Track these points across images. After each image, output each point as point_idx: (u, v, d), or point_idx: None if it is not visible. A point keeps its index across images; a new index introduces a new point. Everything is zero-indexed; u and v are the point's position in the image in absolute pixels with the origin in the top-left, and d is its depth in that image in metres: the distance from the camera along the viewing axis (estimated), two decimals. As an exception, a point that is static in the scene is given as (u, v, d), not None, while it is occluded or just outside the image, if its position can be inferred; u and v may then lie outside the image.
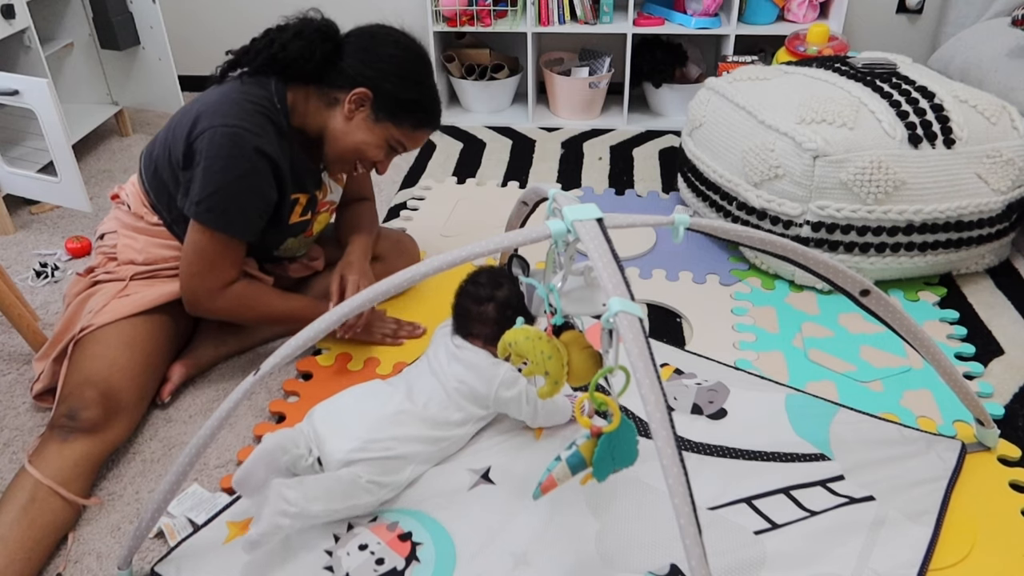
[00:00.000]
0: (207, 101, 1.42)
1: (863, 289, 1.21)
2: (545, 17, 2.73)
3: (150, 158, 1.51)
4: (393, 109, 1.47)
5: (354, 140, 1.48)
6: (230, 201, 1.40)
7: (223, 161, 1.37)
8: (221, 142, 1.36)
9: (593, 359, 1.06)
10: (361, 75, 1.44)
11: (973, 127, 1.74)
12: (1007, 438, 1.40)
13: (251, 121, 1.39)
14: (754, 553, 1.18)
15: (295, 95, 1.47)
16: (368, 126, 1.47)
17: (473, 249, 1.00)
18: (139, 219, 1.54)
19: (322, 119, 1.48)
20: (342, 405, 1.32)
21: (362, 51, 1.46)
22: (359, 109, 1.46)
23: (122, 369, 1.40)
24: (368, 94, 1.45)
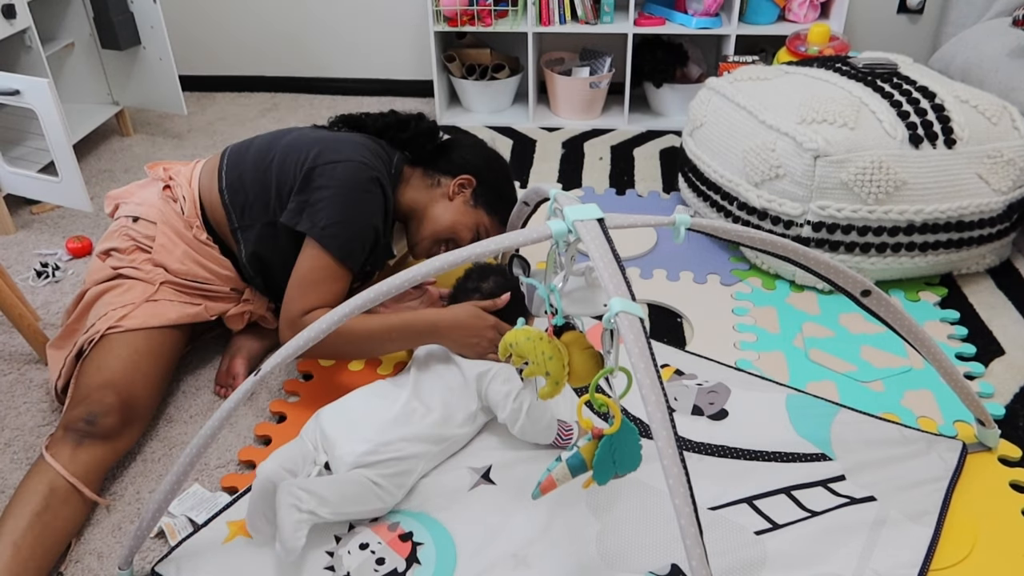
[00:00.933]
0: (337, 138, 1.52)
1: (864, 289, 1.21)
2: (546, 17, 2.73)
3: (241, 185, 1.51)
4: (490, 199, 1.62)
5: (451, 219, 1.59)
6: (347, 228, 1.44)
7: (348, 186, 1.44)
8: (349, 173, 1.44)
9: (594, 360, 1.06)
10: (469, 164, 1.62)
11: (974, 127, 1.74)
12: (1008, 438, 1.40)
13: (374, 165, 1.49)
14: (755, 553, 1.18)
15: (405, 172, 1.61)
16: (466, 209, 1.60)
17: (474, 249, 1.00)
18: (189, 228, 1.53)
19: (424, 198, 1.60)
20: (349, 407, 1.32)
21: (468, 146, 1.67)
22: (461, 192, 1.60)
23: (146, 377, 1.39)
24: (472, 180, 1.60)
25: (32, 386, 1.59)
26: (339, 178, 1.43)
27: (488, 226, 1.63)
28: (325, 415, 1.30)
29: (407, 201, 1.60)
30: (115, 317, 1.41)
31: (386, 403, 1.31)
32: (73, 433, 1.28)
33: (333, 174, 1.43)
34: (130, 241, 1.51)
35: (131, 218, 1.54)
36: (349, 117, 1.66)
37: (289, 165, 1.48)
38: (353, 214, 1.44)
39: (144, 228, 1.52)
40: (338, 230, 1.43)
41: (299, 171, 1.46)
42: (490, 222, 1.62)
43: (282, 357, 1.05)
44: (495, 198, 1.62)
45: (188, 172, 1.58)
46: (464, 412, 1.34)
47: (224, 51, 3.18)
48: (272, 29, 3.11)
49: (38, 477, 1.23)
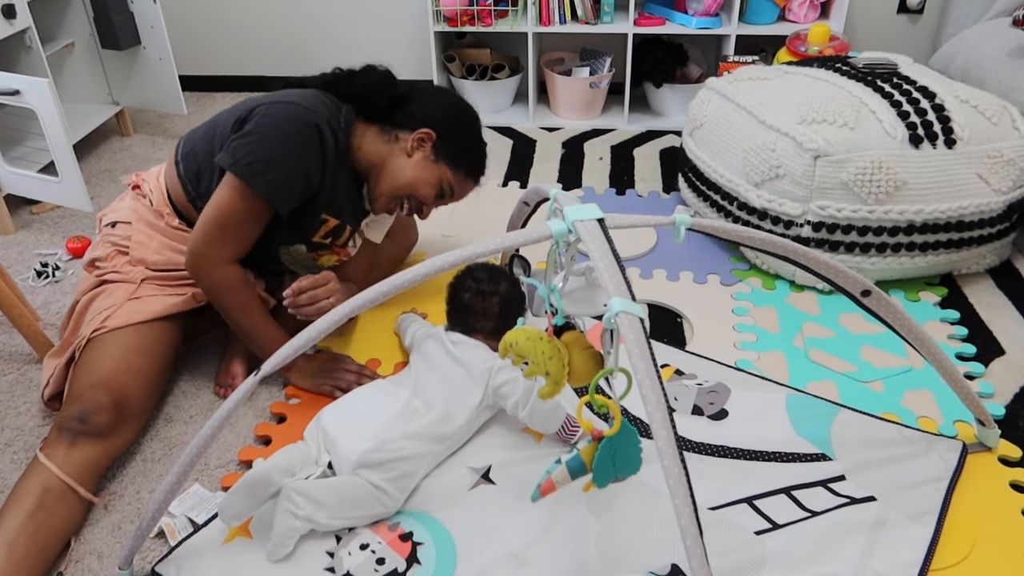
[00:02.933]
0: (281, 90, 1.49)
1: (864, 289, 1.21)
2: (546, 17, 2.73)
3: (194, 156, 1.52)
4: (454, 152, 1.54)
5: (411, 176, 1.52)
6: (277, 168, 1.40)
7: (278, 128, 1.40)
8: (281, 112, 1.41)
9: (594, 360, 1.06)
10: (428, 116, 1.52)
11: (974, 127, 1.74)
12: (1008, 438, 1.40)
13: (316, 108, 1.44)
14: (755, 553, 1.18)
15: (358, 127, 1.53)
16: (427, 164, 1.53)
17: (474, 249, 1.00)
18: (159, 217, 1.54)
19: (381, 152, 1.53)
20: (351, 406, 1.32)
21: (427, 98, 1.55)
22: (420, 147, 1.52)
23: (138, 374, 1.39)
24: (432, 135, 1.51)
25: (32, 386, 1.59)
26: (272, 116, 1.40)
27: (452, 181, 1.55)
28: (327, 415, 1.30)
29: (365, 157, 1.53)
30: (98, 320, 1.43)
31: (387, 402, 1.31)
32: (67, 433, 1.29)
33: (267, 113, 1.41)
34: (111, 247, 1.55)
35: (110, 224, 1.58)
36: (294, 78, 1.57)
37: (231, 118, 1.47)
38: (281, 151, 1.40)
39: (121, 231, 1.55)
40: (263, 167, 1.39)
41: (237, 118, 1.45)
42: (453, 176, 1.55)
43: (282, 357, 1.05)
44: (458, 151, 1.54)
45: (157, 170, 1.60)
46: (466, 410, 1.34)
47: (224, 51, 3.18)
48: (272, 29, 3.11)
49: (32, 477, 1.23)
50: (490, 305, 1.46)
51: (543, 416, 1.34)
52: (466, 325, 1.46)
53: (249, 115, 1.43)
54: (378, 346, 1.67)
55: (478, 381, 1.36)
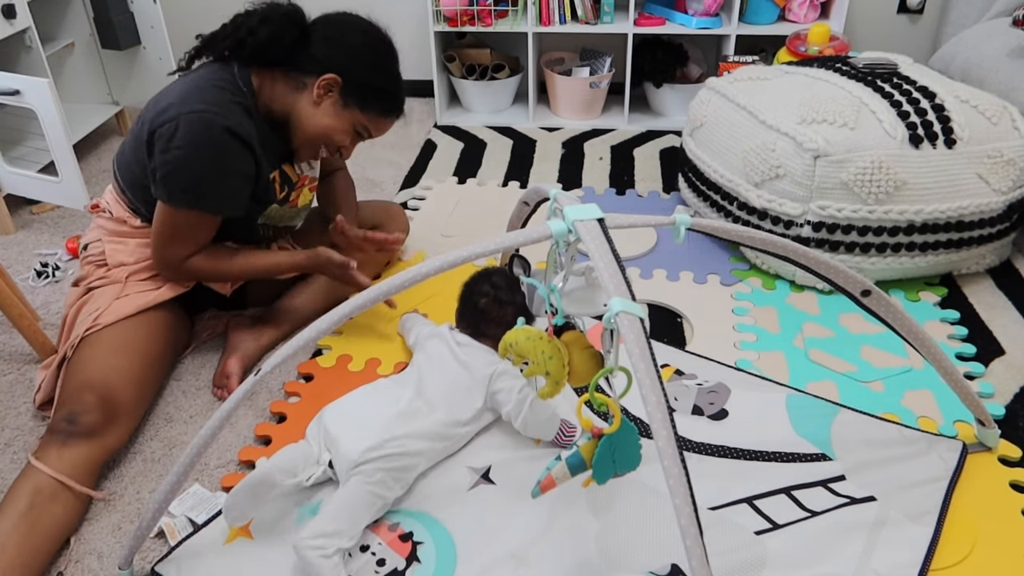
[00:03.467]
0: (174, 91, 1.43)
1: (864, 289, 1.21)
2: (546, 17, 2.73)
3: (123, 158, 1.52)
4: (361, 95, 1.49)
5: (321, 124, 1.49)
6: (205, 184, 1.41)
7: (195, 147, 1.37)
8: (191, 128, 1.36)
9: (594, 359, 1.06)
10: (330, 60, 1.45)
11: (974, 127, 1.74)
12: (1008, 438, 1.40)
13: (217, 104, 1.39)
14: (755, 553, 1.18)
15: (260, 79, 1.47)
16: (336, 111, 1.49)
17: (474, 249, 1.00)
18: (122, 224, 1.55)
19: (289, 103, 1.49)
20: (353, 405, 1.32)
21: (331, 38, 1.47)
22: (327, 95, 1.48)
23: (120, 372, 1.39)
24: (337, 80, 1.46)
25: (32, 386, 1.59)
26: (184, 136, 1.36)
27: (366, 123, 1.52)
28: (328, 414, 1.30)
29: (276, 109, 1.48)
30: (90, 320, 1.44)
31: (389, 401, 1.31)
32: (57, 435, 1.29)
33: (175, 134, 1.36)
34: (89, 265, 1.57)
35: (82, 248, 1.60)
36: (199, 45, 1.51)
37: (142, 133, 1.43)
38: (209, 169, 1.39)
39: (94, 249, 1.57)
40: (188, 187, 1.40)
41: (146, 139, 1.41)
42: (367, 119, 1.51)
43: (282, 357, 1.05)
44: (367, 93, 1.49)
45: (110, 187, 1.60)
46: (468, 411, 1.34)
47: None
48: (272, 29, 3.11)
49: (23, 479, 1.24)
50: (505, 314, 1.45)
51: (537, 425, 1.35)
52: (477, 329, 1.47)
53: (152, 136, 1.39)
54: (378, 346, 1.67)
55: (481, 384, 1.36)
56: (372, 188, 2.44)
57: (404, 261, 1.98)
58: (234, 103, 1.41)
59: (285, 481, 1.21)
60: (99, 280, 1.53)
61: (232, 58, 1.46)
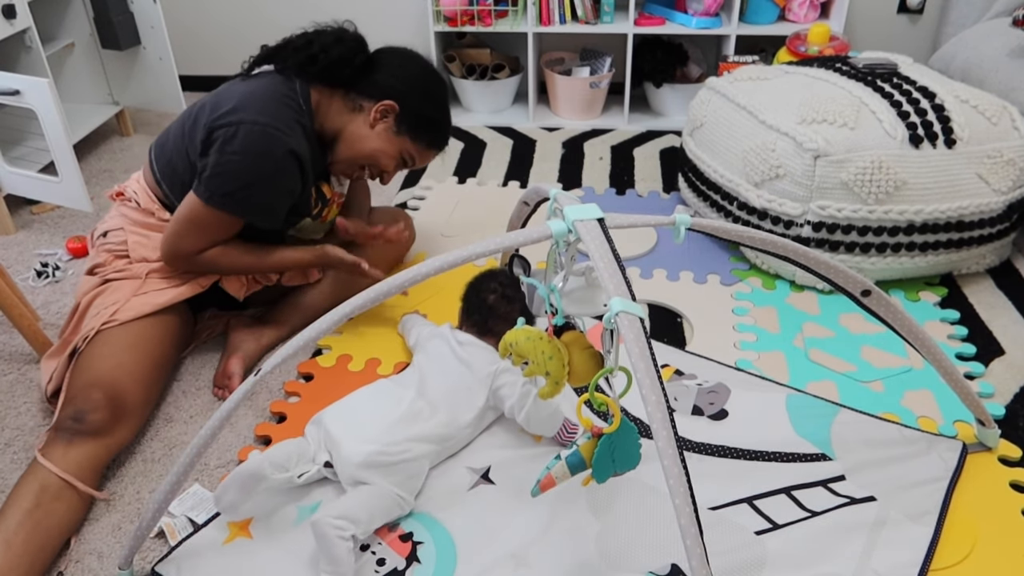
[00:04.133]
0: (237, 93, 1.45)
1: (864, 289, 1.21)
2: (546, 17, 2.73)
3: (162, 150, 1.53)
4: (414, 124, 1.55)
5: (372, 147, 1.54)
6: (255, 196, 1.44)
7: (252, 157, 1.40)
8: (254, 139, 1.39)
9: (594, 359, 1.06)
10: (392, 88, 1.52)
11: (974, 127, 1.74)
12: (1008, 438, 1.40)
13: (283, 121, 1.43)
14: (755, 553, 1.18)
15: (319, 97, 1.51)
16: (388, 137, 1.54)
17: (474, 249, 1.00)
18: (150, 215, 1.55)
19: (343, 122, 1.54)
20: (354, 407, 1.32)
21: (394, 67, 1.55)
22: (383, 119, 1.53)
23: (130, 371, 1.39)
24: (395, 107, 1.52)
25: (32, 386, 1.59)
26: (242, 146, 1.39)
27: (413, 152, 1.58)
28: (329, 415, 1.29)
29: (329, 127, 1.53)
30: (107, 314, 1.44)
31: (391, 403, 1.31)
32: (63, 432, 1.29)
33: (234, 140, 1.39)
34: (107, 254, 1.56)
35: (102, 235, 1.59)
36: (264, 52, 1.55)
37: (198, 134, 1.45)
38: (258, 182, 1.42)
39: (114, 238, 1.56)
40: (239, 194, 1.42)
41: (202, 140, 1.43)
42: (415, 148, 1.58)
43: (282, 357, 1.05)
44: (420, 123, 1.56)
45: (136, 176, 1.60)
46: (471, 411, 1.34)
47: (224, 50, 3.17)
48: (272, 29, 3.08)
49: (29, 477, 1.24)
50: (513, 310, 1.46)
51: (540, 420, 1.35)
52: (484, 327, 1.47)
53: (210, 136, 1.41)
54: (378, 346, 1.67)
55: (483, 383, 1.36)
56: (372, 188, 2.43)
57: (404, 261, 1.98)
58: (297, 123, 1.45)
59: (275, 475, 1.21)
60: (117, 273, 1.52)
61: (295, 72, 1.49)
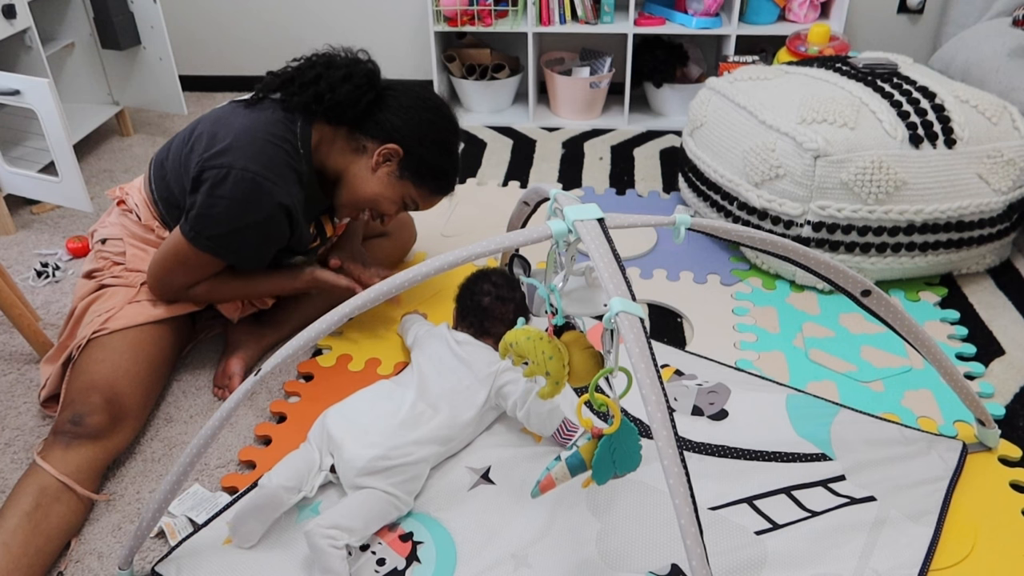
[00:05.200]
0: (233, 128, 1.39)
1: (864, 289, 1.21)
2: (546, 17, 2.73)
3: (161, 168, 1.50)
4: (419, 171, 1.49)
5: (373, 191, 1.49)
6: (240, 242, 1.43)
7: (238, 205, 1.37)
8: (243, 188, 1.36)
9: (594, 359, 1.06)
10: (397, 132, 1.45)
11: (974, 127, 1.74)
12: (1008, 438, 1.40)
13: (276, 170, 1.38)
14: (755, 553, 1.18)
15: (321, 134, 1.46)
16: (390, 181, 1.49)
17: (474, 249, 1.00)
18: (150, 231, 1.54)
19: (345, 163, 1.49)
20: (355, 409, 1.31)
21: (402, 108, 1.46)
22: (386, 163, 1.47)
23: (128, 375, 1.39)
24: (399, 151, 1.46)
25: (32, 386, 1.59)
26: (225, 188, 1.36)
27: (415, 197, 1.52)
28: (331, 418, 1.29)
29: (330, 166, 1.49)
30: (99, 321, 1.44)
31: (392, 405, 1.31)
32: (62, 436, 1.29)
33: (215, 179, 1.36)
34: (104, 260, 1.56)
35: (100, 241, 1.58)
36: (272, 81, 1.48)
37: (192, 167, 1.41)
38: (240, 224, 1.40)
39: (113, 246, 1.56)
40: (221, 239, 1.41)
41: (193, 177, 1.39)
42: (417, 193, 1.52)
43: (282, 357, 1.05)
44: (424, 170, 1.49)
45: (139, 182, 1.58)
46: (471, 410, 1.34)
47: (224, 51, 3.18)
48: (272, 29, 3.11)
49: (28, 479, 1.24)
50: (508, 310, 1.47)
51: (540, 417, 1.34)
52: (481, 328, 1.47)
53: (201, 175, 1.37)
54: (378, 346, 1.67)
55: (484, 382, 1.36)
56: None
57: (404, 261, 1.98)
58: (289, 168, 1.40)
59: (293, 499, 1.21)
60: (113, 278, 1.52)
61: (298, 109, 1.44)
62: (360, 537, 1.17)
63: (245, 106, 1.45)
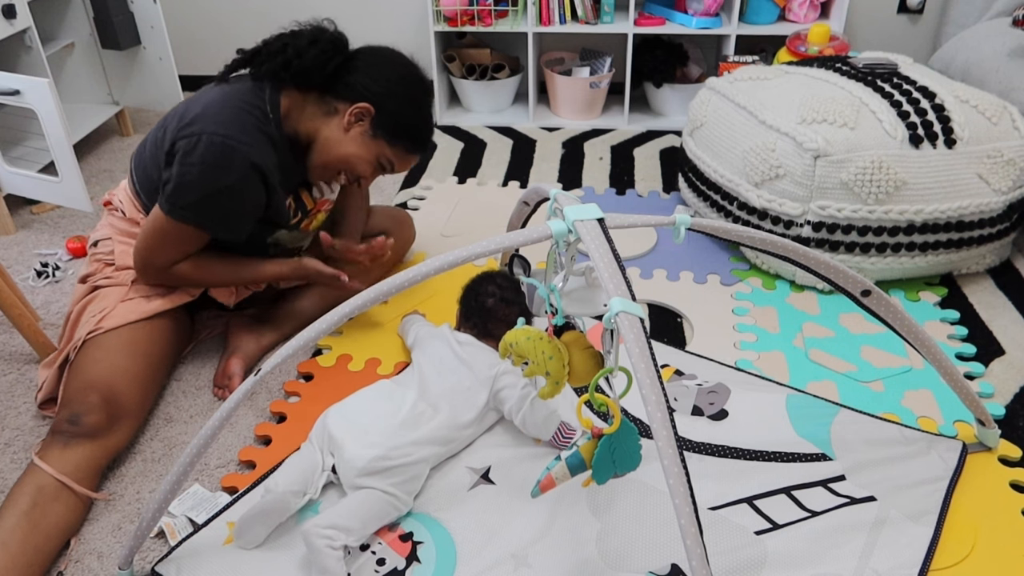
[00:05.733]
0: (202, 101, 1.42)
1: (864, 289, 1.21)
2: (546, 17, 2.73)
3: (140, 158, 1.52)
4: (392, 129, 1.48)
5: (346, 151, 1.48)
6: (216, 209, 1.42)
7: (211, 170, 1.37)
8: (214, 151, 1.36)
9: (594, 359, 1.06)
10: (367, 90, 1.46)
11: (974, 127, 1.74)
12: (1008, 438, 1.40)
13: (246, 132, 1.39)
14: (755, 553, 1.18)
15: (291, 101, 1.47)
16: (364, 141, 1.48)
17: (474, 249, 1.00)
18: (135, 224, 1.55)
19: (316, 126, 1.49)
20: (356, 409, 1.31)
21: (371, 68, 1.47)
22: (358, 123, 1.47)
23: (125, 373, 1.39)
24: (370, 110, 1.46)
25: (32, 386, 1.59)
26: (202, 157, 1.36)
27: (390, 156, 1.51)
28: (331, 418, 1.29)
29: (302, 132, 1.48)
30: (94, 322, 1.44)
31: (393, 406, 1.31)
32: (60, 435, 1.29)
33: (188, 148, 1.36)
34: (97, 263, 1.56)
35: (92, 244, 1.59)
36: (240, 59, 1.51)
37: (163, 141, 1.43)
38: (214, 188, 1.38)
39: (103, 247, 1.57)
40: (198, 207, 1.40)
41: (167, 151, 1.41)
42: (392, 153, 1.51)
43: (282, 357, 1.05)
44: (397, 128, 1.48)
45: (125, 182, 1.60)
46: (472, 411, 1.34)
47: (224, 51, 3.16)
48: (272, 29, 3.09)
49: (26, 479, 1.24)
50: (511, 313, 1.47)
51: (536, 424, 1.34)
52: (484, 329, 1.47)
53: (174, 147, 1.38)
54: (378, 346, 1.67)
55: (484, 384, 1.36)
56: (372, 188, 2.44)
57: (404, 261, 1.98)
58: (260, 132, 1.41)
59: (299, 503, 1.22)
60: (106, 279, 1.53)
61: (267, 77, 1.45)
62: (358, 537, 1.17)
63: (215, 84, 1.48)
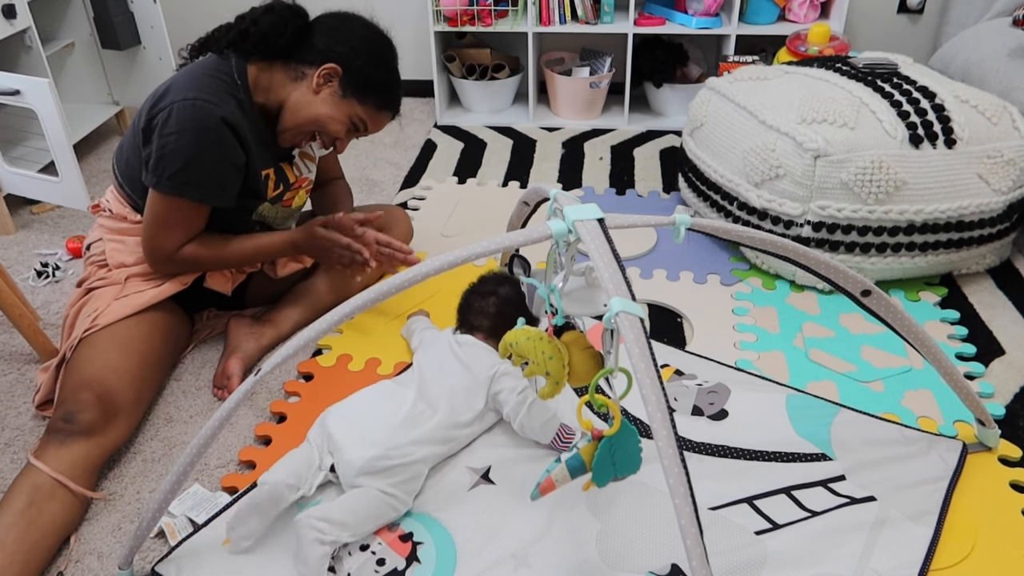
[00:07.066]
0: (171, 79, 1.45)
1: (864, 289, 1.21)
2: (546, 17, 2.73)
3: (121, 152, 1.54)
4: (361, 87, 1.50)
5: (316, 112, 1.50)
6: (199, 172, 1.42)
7: (187, 133, 1.38)
8: (185, 115, 1.38)
9: (594, 360, 1.06)
10: (332, 51, 1.48)
11: (974, 127, 1.74)
12: (1008, 438, 1.40)
13: (212, 92, 1.41)
14: (755, 553, 1.18)
15: (258, 71, 1.49)
16: (334, 101, 1.50)
17: (474, 249, 1.00)
18: (122, 220, 1.56)
19: (285, 92, 1.50)
20: (356, 409, 1.31)
21: (334, 30, 1.50)
22: (327, 84, 1.49)
23: (118, 371, 1.39)
24: (338, 70, 1.48)
25: (32, 386, 1.59)
26: (175, 122, 1.38)
27: (363, 115, 1.53)
28: (331, 417, 1.29)
29: (272, 99, 1.50)
30: (88, 321, 1.45)
31: (392, 406, 1.31)
32: (55, 434, 1.30)
33: (168, 120, 1.38)
34: (91, 266, 1.58)
35: (85, 248, 1.62)
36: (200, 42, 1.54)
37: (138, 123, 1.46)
38: (197, 156, 1.40)
39: (96, 249, 1.58)
40: (183, 175, 1.41)
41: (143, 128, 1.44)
42: (364, 111, 1.52)
43: (282, 357, 1.05)
44: (367, 85, 1.50)
45: (111, 186, 1.61)
46: (470, 412, 1.34)
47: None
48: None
49: (23, 478, 1.24)
50: (487, 304, 1.47)
51: (534, 429, 1.34)
52: (468, 324, 1.47)
53: (151, 124, 1.41)
54: (378, 346, 1.67)
55: (483, 385, 1.36)
56: (372, 188, 2.44)
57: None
58: (228, 94, 1.43)
59: (292, 496, 1.21)
60: (99, 281, 1.53)
61: (230, 49, 1.48)
62: (352, 534, 1.17)
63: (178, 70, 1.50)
